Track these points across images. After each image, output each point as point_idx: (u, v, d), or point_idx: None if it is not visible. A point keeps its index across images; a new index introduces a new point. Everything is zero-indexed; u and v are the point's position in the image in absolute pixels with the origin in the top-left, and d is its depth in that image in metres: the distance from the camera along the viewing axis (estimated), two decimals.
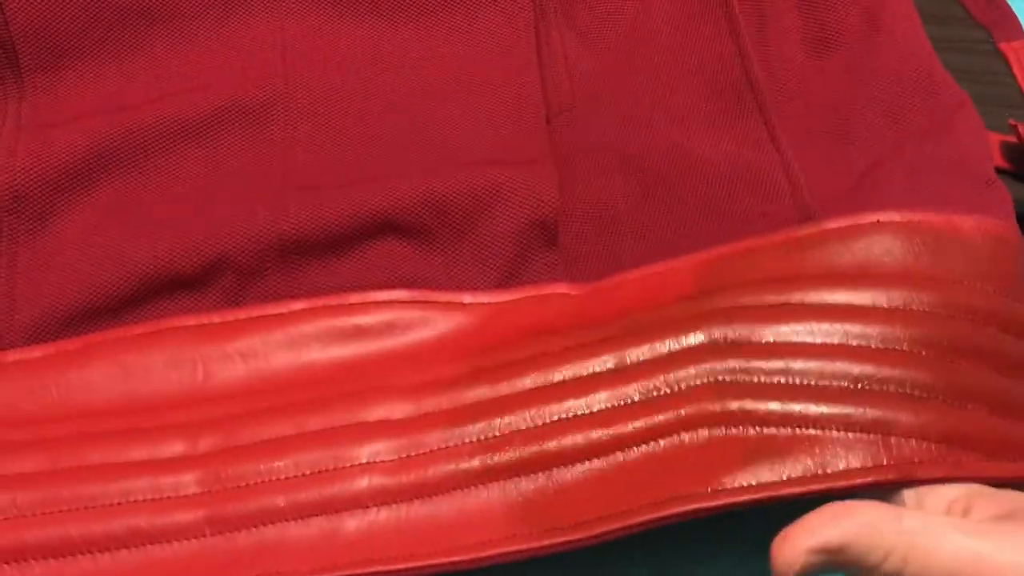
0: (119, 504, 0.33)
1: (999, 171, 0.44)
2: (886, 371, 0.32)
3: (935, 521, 0.30)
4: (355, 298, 0.36)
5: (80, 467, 0.33)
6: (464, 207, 0.38)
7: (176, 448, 0.34)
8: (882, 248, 0.34)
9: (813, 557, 0.29)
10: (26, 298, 0.37)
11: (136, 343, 0.36)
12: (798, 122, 0.41)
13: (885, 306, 0.33)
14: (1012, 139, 0.44)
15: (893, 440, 0.32)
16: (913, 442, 0.32)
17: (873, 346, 0.33)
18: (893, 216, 0.35)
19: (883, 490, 0.32)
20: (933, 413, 0.32)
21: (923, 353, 0.33)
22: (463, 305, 0.36)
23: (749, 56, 0.42)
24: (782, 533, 0.30)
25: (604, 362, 0.34)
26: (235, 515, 0.32)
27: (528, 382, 0.34)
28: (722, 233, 0.38)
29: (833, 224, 0.35)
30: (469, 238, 0.38)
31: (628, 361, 0.34)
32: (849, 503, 0.30)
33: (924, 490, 0.32)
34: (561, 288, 0.37)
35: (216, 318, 0.36)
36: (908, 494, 0.32)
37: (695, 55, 0.42)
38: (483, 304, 0.37)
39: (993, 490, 0.32)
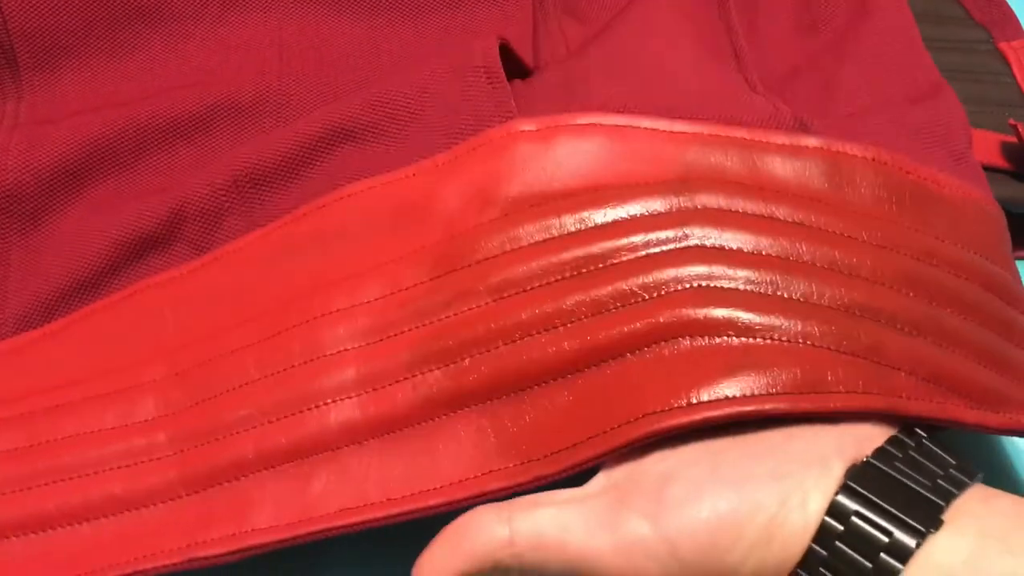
0: (95, 473, 0.32)
1: (999, 171, 0.43)
2: (879, 303, 0.31)
3: (543, 525, 0.29)
4: (305, 208, 0.35)
5: (55, 440, 0.33)
6: (410, 97, 0.37)
7: (148, 408, 0.33)
8: (869, 185, 0.33)
9: None
10: (16, 293, 0.37)
11: (110, 309, 0.36)
12: (780, 90, 0.40)
13: (874, 243, 0.32)
14: (1012, 139, 0.44)
15: (883, 371, 0.30)
16: (903, 375, 0.30)
17: (864, 276, 0.31)
18: (883, 154, 0.33)
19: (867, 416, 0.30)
20: (922, 351, 0.31)
21: (911, 294, 0.31)
22: (414, 177, 0.34)
23: (737, 32, 0.41)
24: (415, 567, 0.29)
25: (575, 263, 0.31)
26: (207, 471, 0.32)
27: (493, 290, 0.32)
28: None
29: (826, 144, 0.33)
30: (419, 122, 0.36)
31: (602, 262, 0.31)
32: (463, 523, 0.29)
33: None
34: (518, 125, 0.34)
35: (183, 269, 0.36)
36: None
37: (691, 32, 0.41)
38: (434, 167, 0.34)
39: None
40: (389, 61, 0.41)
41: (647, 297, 0.30)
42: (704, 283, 0.30)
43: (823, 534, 0.27)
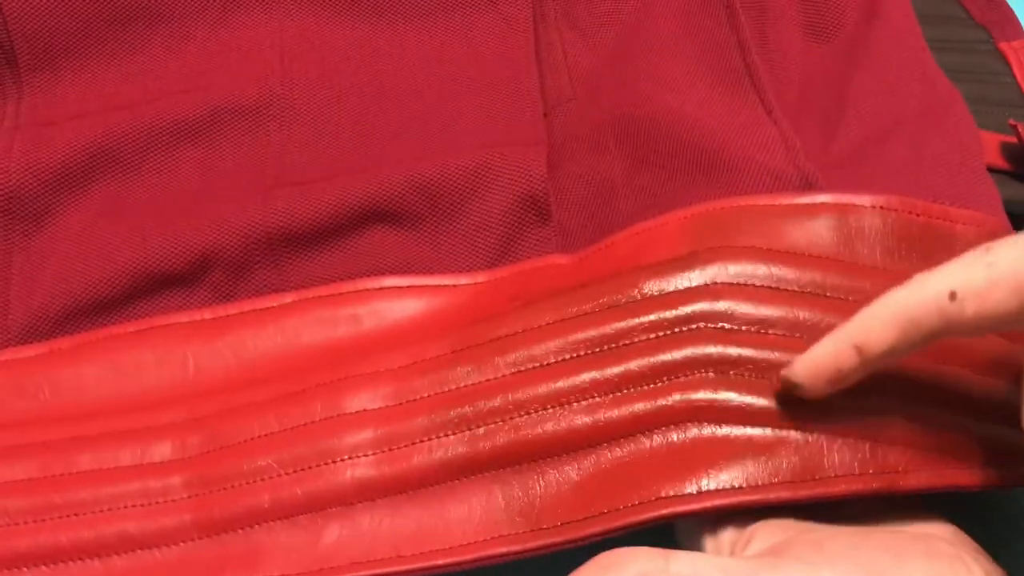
0: (109, 510, 0.33)
1: (999, 171, 0.44)
2: (879, 375, 0.32)
3: (701, 566, 0.28)
4: (344, 287, 0.36)
5: (70, 473, 0.33)
6: (452, 188, 0.38)
7: (164, 450, 0.33)
8: (879, 236, 0.33)
9: None
10: (19, 298, 0.37)
11: (128, 341, 0.36)
12: (796, 104, 0.41)
13: None
14: (1012, 139, 0.44)
15: (880, 449, 0.31)
16: (900, 449, 0.31)
17: None
18: (892, 201, 0.34)
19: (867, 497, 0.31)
20: (923, 420, 0.32)
21: (914, 358, 0.32)
22: (454, 287, 0.36)
23: (748, 46, 0.41)
24: None
25: (589, 342, 0.33)
26: (222, 517, 0.32)
27: (511, 364, 0.33)
28: (718, 191, 0.37)
29: (831, 199, 0.34)
30: (459, 220, 0.38)
31: (615, 343, 0.33)
32: (618, 553, 0.29)
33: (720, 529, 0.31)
34: (554, 260, 0.36)
35: (207, 314, 0.36)
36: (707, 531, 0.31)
37: (694, 45, 0.42)
38: (473, 284, 0.36)
39: (777, 521, 0.31)
40: (390, 65, 0.41)
41: (657, 380, 0.32)
42: (711, 369, 0.32)
43: None
